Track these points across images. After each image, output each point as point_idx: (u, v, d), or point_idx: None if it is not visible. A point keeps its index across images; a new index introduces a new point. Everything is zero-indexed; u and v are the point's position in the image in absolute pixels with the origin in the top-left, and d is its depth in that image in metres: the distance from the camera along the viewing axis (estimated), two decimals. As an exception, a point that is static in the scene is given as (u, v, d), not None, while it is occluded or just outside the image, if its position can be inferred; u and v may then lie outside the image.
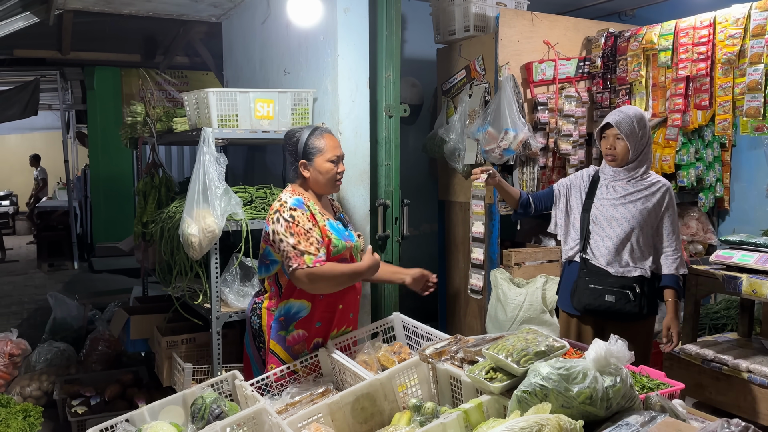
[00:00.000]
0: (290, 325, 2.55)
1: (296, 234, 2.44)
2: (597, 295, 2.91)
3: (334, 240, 2.54)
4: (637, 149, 2.88)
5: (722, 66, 3.54)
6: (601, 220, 2.94)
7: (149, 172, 4.08)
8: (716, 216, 4.75)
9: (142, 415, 2.37)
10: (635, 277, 2.88)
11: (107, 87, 8.28)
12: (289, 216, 2.47)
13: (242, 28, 4.55)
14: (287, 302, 2.55)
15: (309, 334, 2.57)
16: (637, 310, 2.87)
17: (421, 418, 1.93)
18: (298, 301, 2.55)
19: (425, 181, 4.94)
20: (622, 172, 2.92)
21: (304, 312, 2.55)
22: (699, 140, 4.42)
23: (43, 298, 6.61)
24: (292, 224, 2.45)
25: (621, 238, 2.88)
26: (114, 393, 3.91)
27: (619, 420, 1.66)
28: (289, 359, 2.55)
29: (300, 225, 2.45)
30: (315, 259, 2.41)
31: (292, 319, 2.55)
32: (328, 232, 2.54)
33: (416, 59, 4.89)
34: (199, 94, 3.22)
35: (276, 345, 2.57)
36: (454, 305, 4.49)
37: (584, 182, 3.06)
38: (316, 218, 2.52)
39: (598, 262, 2.93)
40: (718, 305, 4.39)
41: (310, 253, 2.41)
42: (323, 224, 2.54)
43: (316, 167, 2.56)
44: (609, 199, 2.94)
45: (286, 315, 2.55)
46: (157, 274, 3.80)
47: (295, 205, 2.50)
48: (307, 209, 2.52)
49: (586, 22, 4.38)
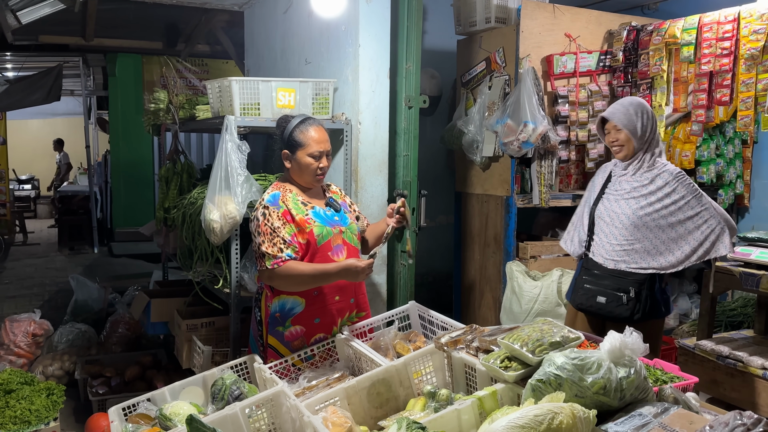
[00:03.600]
0: (286, 321, 2.57)
1: (262, 233, 2.47)
2: (590, 295, 2.87)
3: (317, 228, 2.52)
4: (641, 136, 2.79)
5: (745, 62, 3.51)
6: (605, 216, 2.88)
7: (171, 158, 4.14)
8: (736, 213, 4.71)
9: (163, 395, 2.43)
10: (635, 279, 2.76)
11: (129, 74, 8.38)
12: (261, 214, 2.50)
13: (264, 17, 4.58)
14: (280, 298, 2.57)
15: (307, 330, 2.59)
16: (628, 314, 2.76)
17: (436, 405, 1.97)
18: (291, 298, 2.56)
19: (443, 172, 4.95)
20: (629, 166, 2.86)
21: (298, 308, 2.57)
22: (720, 136, 4.38)
23: (64, 280, 6.74)
24: (261, 222, 2.48)
25: (624, 235, 2.79)
26: (134, 374, 4.00)
27: (632, 410, 1.68)
28: (289, 354, 2.57)
29: (268, 224, 2.47)
30: (273, 261, 2.43)
31: (287, 315, 2.57)
32: (311, 221, 2.52)
33: (436, 50, 4.89)
34: (222, 83, 3.26)
35: (274, 340, 2.59)
36: (468, 297, 4.51)
37: (602, 176, 3.04)
38: (293, 212, 2.51)
39: (599, 260, 2.87)
40: (735, 302, 4.37)
41: (270, 255, 2.44)
42: (304, 215, 2.52)
43: (297, 159, 2.56)
44: (614, 194, 2.87)
45: (282, 311, 2.57)
46: (178, 258, 3.86)
47: (269, 203, 2.51)
48: (282, 204, 2.51)
49: (609, 16, 4.35)
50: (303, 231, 2.51)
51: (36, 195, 14.46)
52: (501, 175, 4.11)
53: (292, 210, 2.52)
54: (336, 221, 2.61)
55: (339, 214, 2.64)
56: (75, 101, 11.63)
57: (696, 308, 4.44)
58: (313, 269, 2.48)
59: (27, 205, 13.81)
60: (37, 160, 15.68)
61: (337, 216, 2.63)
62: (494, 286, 4.22)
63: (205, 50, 7.67)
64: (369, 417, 2.13)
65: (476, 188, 4.38)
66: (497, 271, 4.17)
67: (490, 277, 4.26)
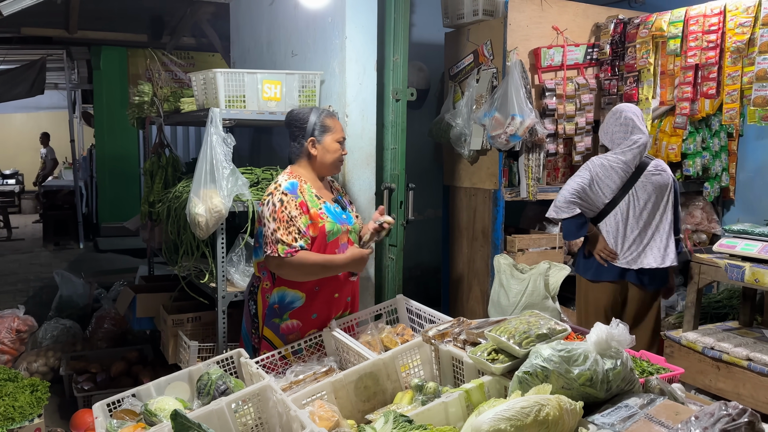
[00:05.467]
0: (284, 314, 2.56)
1: (278, 220, 2.44)
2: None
3: (329, 225, 2.53)
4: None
5: (731, 54, 3.52)
6: None
7: (156, 152, 4.10)
8: (721, 206, 4.75)
9: (149, 391, 2.41)
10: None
11: (113, 67, 8.28)
12: (278, 200, 2.47)
13: (250, 9, 4.54)
14: (281, 289, 2.56)
15: (303, 325, 2.58)
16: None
17: (423, 398, 1.97)
18: (291, 291, 2.55)
19: (430, 166, 4.94)
20: None
21: (298, 302, 2.56)
22: (706, 129, 4.40)
23: (48, 276, 6.66)
24: (278, 209, 2.45)
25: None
26: (119, 370, 3.96)
27: (619, 402, 1.69)
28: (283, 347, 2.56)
29: (285, 211, 2.45)
30: (287, 249, 2.42)
31: (286, 308, 2.56)
32: (323, 216, 2.52)
33: (424, 43, 4.87)
34: (207, 75, 3.23)
35: (269, 332, 2.58)
36: (456, 290, 4.51)
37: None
38: (308, 204, 2.51)
39: None
40: (720, 294, 4.41)
41: (284, 243, 2.42)
42: (318, 209, 2.53)
43: (324, 146, 2.57)
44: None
45: (281, 303, 2.56)
46: (164, 253, 3.83)
47: (288, 190, 2.50)
48: (300, 195, 2.50)
49: (596, 8, 4.35)
50: (315, 225, 2.51)
51: (20, 190, 14.28)
52: (489, 168, 4.11)
53: (308, 202, 2.52)
54: (344, 219, 2.63)
55: (345, 213, 2.66)
56: (59, 95, 11.50)
57: (682, 300, 4.47)
58: (323, 259, 2.50)
59: (11, 200, 13.64)
60: (22, 155, 15.48)
61: (344, 214, 2.65)
62: (482, 279, 4.22)
63: (190, 43, 7.59)
64: (356, 411, 2.12)
65: (464, 181, 4.37)
66: (485, 264, 4.17)
67: (478, 270, 4.27)
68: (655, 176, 3.39)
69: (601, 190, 3.39)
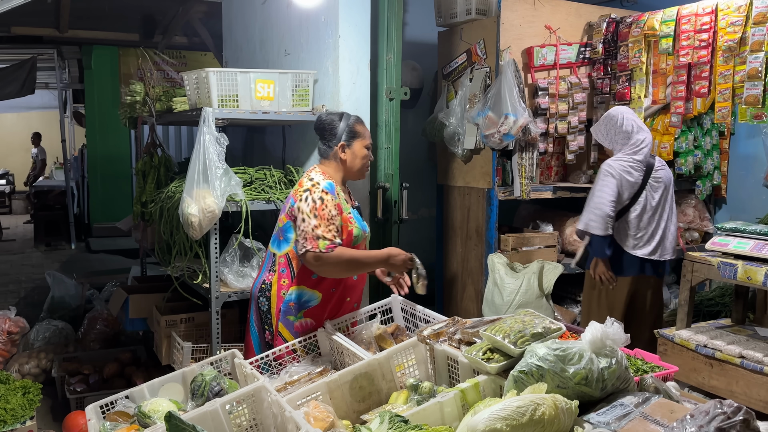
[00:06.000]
0: (299, 312, 2.59)
1: (320, 217, 2.47)
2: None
3: (356, 230, 2.59)
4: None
5: (723, 53, 3.54)
6: None
7: (148, 151, 4.07)
8: (713, 204, 4.77)
9: (142, 392, 2.39)
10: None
11: (105, 66, 8.23)
12: (318, 197, 2.50)
13: (242, 8, 4.52)
14: (299, 288, 2.58)
15: (317, 325, 2.61)
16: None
17: (419, 397, 1.96)
18: (309, 290, 2.59)
19: (424, 165, 4.94)
20: None
21: (314, 302, 2.59)
22: (698, 128, 4.42)
23: (40, 277, 6.62)
24: (319, 206, 2.48)
25: None
26: (112, 371, 3.94)
27: (614, 401, 1.69)
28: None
29: (326, 209, 2.49)
30: (328, 245, 2.45)
31: (302, 307, 2.58)
32: (352, 221, 2.59)
33: (417, 42, 4.86)
34: (200, 74, 3.21)
35: (284, 329, 2.61)
36: (451, 289, 4.51)
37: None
38: (342, 207, 2.57)
39: None
40: (713, 292, 4.43)
41: (326, 239, 2.45)
42: (348, 213, 2.59)
43: (354, 151, 2.63)
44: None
45: (297, 301, 2.58)
46: (156, 253, 3.81)
47: (328, 189, 2.54)
48: (336, 196, 2.56)
49: (588, 8, 4.36)
50: (345, 228, 2.56)
51: (11, 190, 14.19)
52: (482, 167, 4.11)
53: (342, 204, 2.57)
54: (364, 225, 2.69)
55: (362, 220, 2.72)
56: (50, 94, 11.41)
57: (675, 298, 4.49)
58: (361, 254, 2.56)
59: (2, 200, 13.56)
60: (12, 155, 15.38)
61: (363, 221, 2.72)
62: (476, 278, 4.22)
63: (182, 42, 7.56)
64: (351, 411, 2.11)
65: (458, 181, 4.37)
66: (479, 263, 4.18)
67: (472, 269, 4.27)
68: (662, 171, 3.53)
69: (626, 191, 3.46)
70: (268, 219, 4.13)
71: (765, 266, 3.00)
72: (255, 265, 3.26)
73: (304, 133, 3.70)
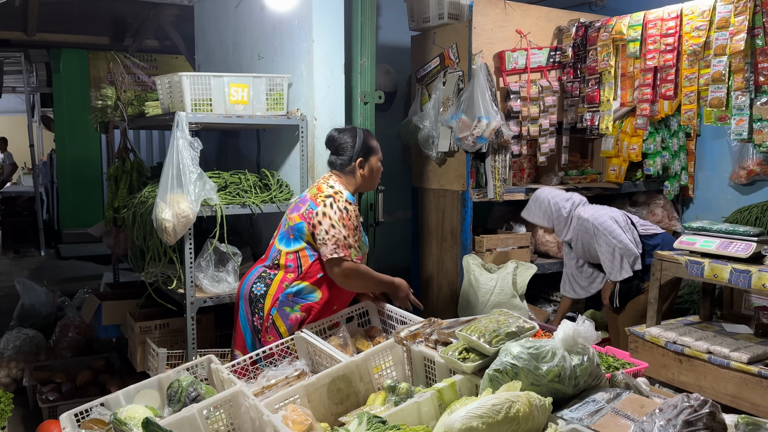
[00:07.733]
0: (296, 305, 2.64)
1: (348, 227, 2.55)
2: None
3: (361, 243, 2.68)
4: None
5: (688, 57, 3.63)
6: None
7: (120, 156, 4.03)
8: (681, 203, 4.88)
9: (117, 399, 2.37)
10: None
11: (74, 70, 8.10)
12: (344, 207, 2.57)
13: (215, 12, 4.50)
14: (302, 283, 2.64)
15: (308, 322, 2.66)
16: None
17: (396, 398, 1.98)
18: (311, 287, 2.65)
19: (399, 168, 4.97)
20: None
21: (312, 298, 2.65)
22: (665, 129, 4.53)
23: (9, 285, 6.47)
24: (347, 216, 2.56)
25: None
26: (85, 379, 3.88)
27: (586, 397, 1.73)
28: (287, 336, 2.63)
29: (351, 220, 2.57)
30: (358, 255, 2.56)
31: (300, 300, 2.64)
32: (361, 234, 2.67)
33: (390, 46, 4.89)
34: (173, 78, 3.19)
35: (279, 318, 2.65)
36: (427, 291, 4.54)
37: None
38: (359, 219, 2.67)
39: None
40: (682, 290, 4.53)
41: (356, 249, 2.55)
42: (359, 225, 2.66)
43: (371, 165, 2.71)
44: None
45: (297, 294, 2.64)
46: (130, 259, 3.77)
47: (351, 200, 2.63)
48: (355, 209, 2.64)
49: (558, 12, 4.44)
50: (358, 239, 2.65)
51: (-23, 197, 13.83)
52: (456, 170, 4.15)
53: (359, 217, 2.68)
54: (366, 239, 2.78)
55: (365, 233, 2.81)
56: (17, 98, 11.18)
57: (645, 296, 4.58)
58: (379, 277, 2.69)
59: (-33, 207, 13.21)
60: (-22, 160, 14.98)
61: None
62: (452, 279, 4.26)
63: (153, 45, 7.47)
64: (329, 413, 2.12)
65: (432, 183, 4.41)
66: (454, 264, 4.22)
67: (448, 270, 4.31)
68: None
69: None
70: (243, 223, 4.12)
71: (730, 264, 3.09)
72: (230, 269, 3.24)
73: (278, 136, 3.70)
